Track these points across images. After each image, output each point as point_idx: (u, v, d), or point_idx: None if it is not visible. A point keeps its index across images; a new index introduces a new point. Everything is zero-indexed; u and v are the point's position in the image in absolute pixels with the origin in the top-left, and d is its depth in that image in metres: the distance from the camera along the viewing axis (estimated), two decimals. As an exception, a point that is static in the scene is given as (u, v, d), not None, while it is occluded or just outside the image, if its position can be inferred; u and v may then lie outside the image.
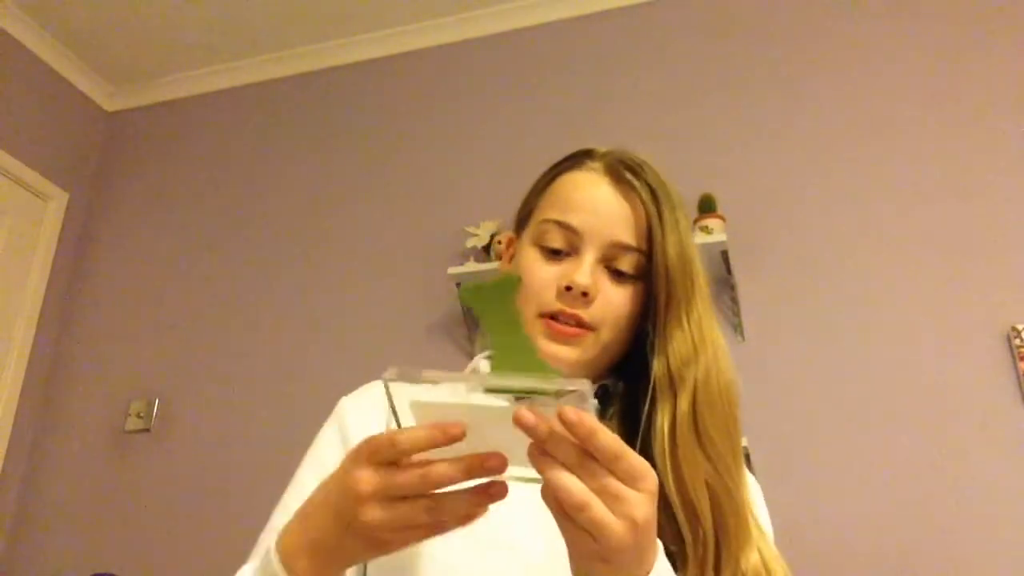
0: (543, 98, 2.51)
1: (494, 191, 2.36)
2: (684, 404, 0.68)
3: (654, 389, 0.70)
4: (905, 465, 1.81)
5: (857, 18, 2.31)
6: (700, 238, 1.98)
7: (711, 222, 2.01)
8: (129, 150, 2.96)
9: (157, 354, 2.54)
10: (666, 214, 0.75)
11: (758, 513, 0.72)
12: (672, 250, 0.74)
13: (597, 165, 0.79)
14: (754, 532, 0.67)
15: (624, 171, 0.78)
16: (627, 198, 0.76)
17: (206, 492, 2.28)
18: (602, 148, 0.82)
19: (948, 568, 1.70)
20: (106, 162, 2.95)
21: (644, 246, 0.75)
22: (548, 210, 0.78)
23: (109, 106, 3.02)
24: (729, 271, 2.03)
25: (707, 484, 0.66)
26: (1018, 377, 1.81)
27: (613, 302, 0.74)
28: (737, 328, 2.03)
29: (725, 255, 2.00)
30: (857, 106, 2.20)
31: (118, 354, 2.59)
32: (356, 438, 0.67)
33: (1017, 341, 1.83)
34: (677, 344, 0.71)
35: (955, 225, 2.00)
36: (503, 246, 0.88)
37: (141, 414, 2.44)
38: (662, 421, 0.68)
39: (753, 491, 0.75)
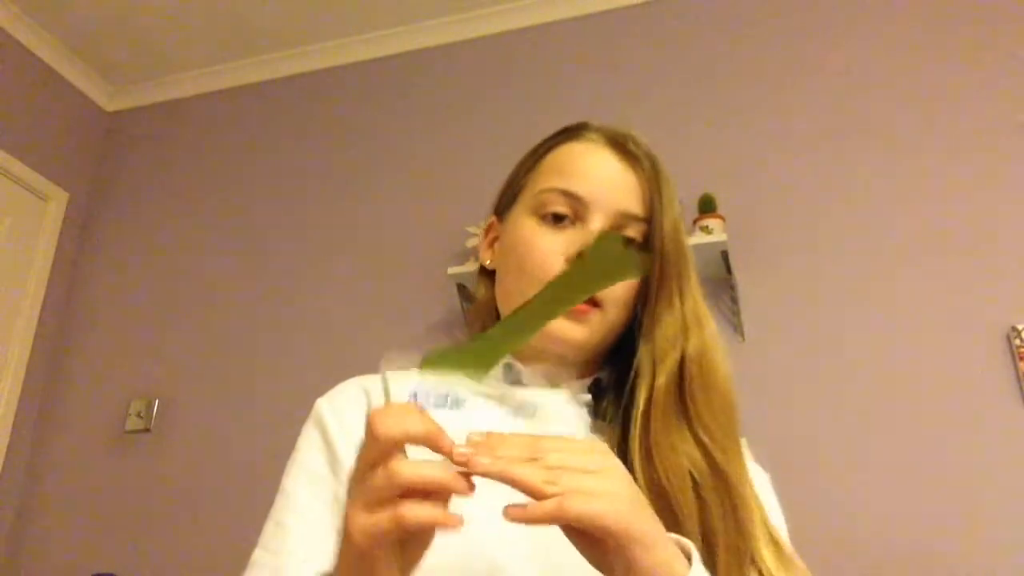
0: (543, 98, 2.51)
1: (494, 191, 2.35)
2: (662, 379, 0.63)
3: (635, 372, 0.65)
4: (905, 465, 1.81)
5: (858, 18, 2.31)
6: (700, 238, 1.98)
7: (711, 222, 2.01)
8: (129, 150, 2.96)
9: (157, 354, 2.54)
10: (664, 188, 0.72)
11: (766, 508, 0.64)
12: (668, 226, 0.69)
13: (596, 136, 0.76)
14: (760, 532, 0.60)
15: (625, 141, 0.75)
16: (631, 168, 0.73)
17: (206, 492, 2.28)
18: (594, 122, 0.78)
19: (947, 568, 1.70)
20: (106, 162, 2.95)
21: (648, 217, 0.70)
22: (546, 181, 0.73)
23: (109, 106, 3.02)
24: (729, 271, 2.02)
25: (691, 474, 0.59)
26: (1018, 377, 1.81)
27: None
28: (737, 328, 2.03)
29: (725, 255, 2.00)
30: (857, 106, 2.20)
31: (118, 354, 2.59)
32: (336, 438, 0.67)
33: (1017, 341, 1.83)
34: (666, 326, 0.66)
35: (955, 225, 2.00)
36: (483, 233, 0.81)
37: (141, 414, 2.44)
38: (639, 398, 0.63)
39: (759, 482, 0.68)
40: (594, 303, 0.66)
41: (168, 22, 2.72)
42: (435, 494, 0.45)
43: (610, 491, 0.46)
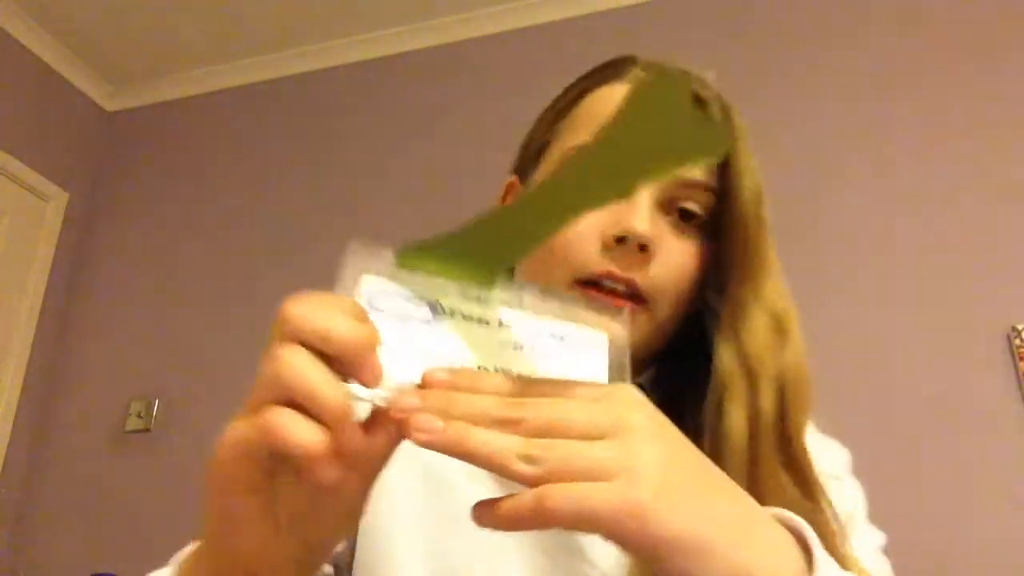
0: (543, 98, 2.50)
1: (494, 191, 2.35)
2: (767, 402, 0.50)
3: (719, 381, 0.51)
4: (904, 465, 1.81)
5: (861, 19, 2.31)
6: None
7: (711, 222, 2.01)
8: (129, 150, 2.96)
9: (157, 354, 2.54)
10: (741, 143, 0.57)
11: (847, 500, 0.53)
12: (748, 192, 0.54)
13: (647, 75, 0.59)
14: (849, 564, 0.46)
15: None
16: None
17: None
18: (644, 57, 0.61)
19: (947, 569, 1.70)
20: (106, 162, 2.95)
21: (714, 183, 0.55)
22: (579, 136, 0.57)
23: (109, 106, 3.02)
24: (729, 271, 2.02)
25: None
26: (1018, 377, 1.81)
27: (676, 262, 0.53)
28: (737, 328, 2.03)
29: (725, 255, 1.99)
30: (858, 106, 2.20)
31: (118, 354, 2.59)
32: None
33: (1017, 341, 1.83)
34: (755, 321, 0.53)
35: (955, 225, 2.00)
36: (500, 198, 0.68)
37: (141, 414, 2.44)
38: (735, 424, 0.49)
39: (835, 460, 0.57)
40: (638, 298, 0.52)
41: (168, 22, 2.72)
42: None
43: (628, 467, 0.30)
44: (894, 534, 1.82)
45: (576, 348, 0.35)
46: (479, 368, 0.34)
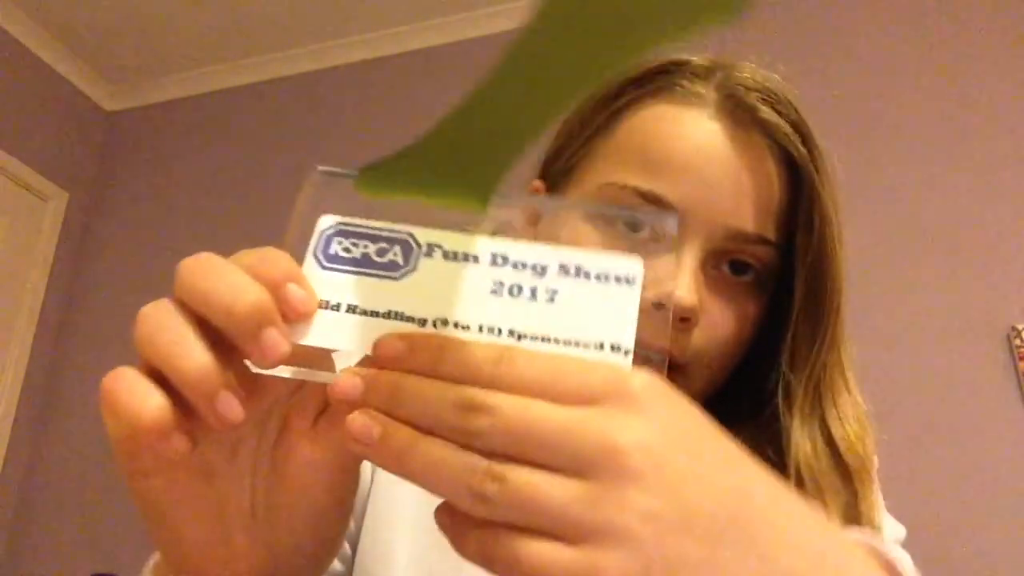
0: (543, 98, 2.50)
1: (494, 191, 2.35)
2: (875, 514, 0.45)
3: (803, 478, 0.46)
4: (904, 465, 1.81)
5: (862, 18, 2.31)
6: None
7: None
8: (129, 150, 2.96)
9: (157, 354, 2.54)
10: (824, 186, 0.48)
11: None
12: (831, 245, 0.48)
13: (705, 91, 0.49)
14: None
15: (758, 106, 0.48)
16: (758, 157, 0.48)
17: (206, 492, 2.28)
18: (705, 59, 0.51)
19: (945, 569, 1.70)
20: (106, 162, 2.95)
21: (775, 235, 0.48)
22: (619, 169, 0.46)
23: (109, 106, 3.02)
24: (729, 271, 2.02)
25: None
26: (1018, 377, 1.81)
27: (721, 328, 0.47)
28: (737, 328, 2.03)
29: (725, 255, 1.99)
30: (855, 102, 2.20)
31: (118, 354, 2.58)
32: None
33: (1017, 341, 1.83)
34: (847, 408, 0.48)
35: (955, 225, 2.00)
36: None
37: (141, 414, 2.44)
38: None
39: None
40: (675, 366, 0.44)
41: (168, 22, 2.72)
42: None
43: (605, 526, 0.21)
44: (894, 534, 1.76)
45: (596, 284, 0.26)
46: (456, 327, 0.26)
